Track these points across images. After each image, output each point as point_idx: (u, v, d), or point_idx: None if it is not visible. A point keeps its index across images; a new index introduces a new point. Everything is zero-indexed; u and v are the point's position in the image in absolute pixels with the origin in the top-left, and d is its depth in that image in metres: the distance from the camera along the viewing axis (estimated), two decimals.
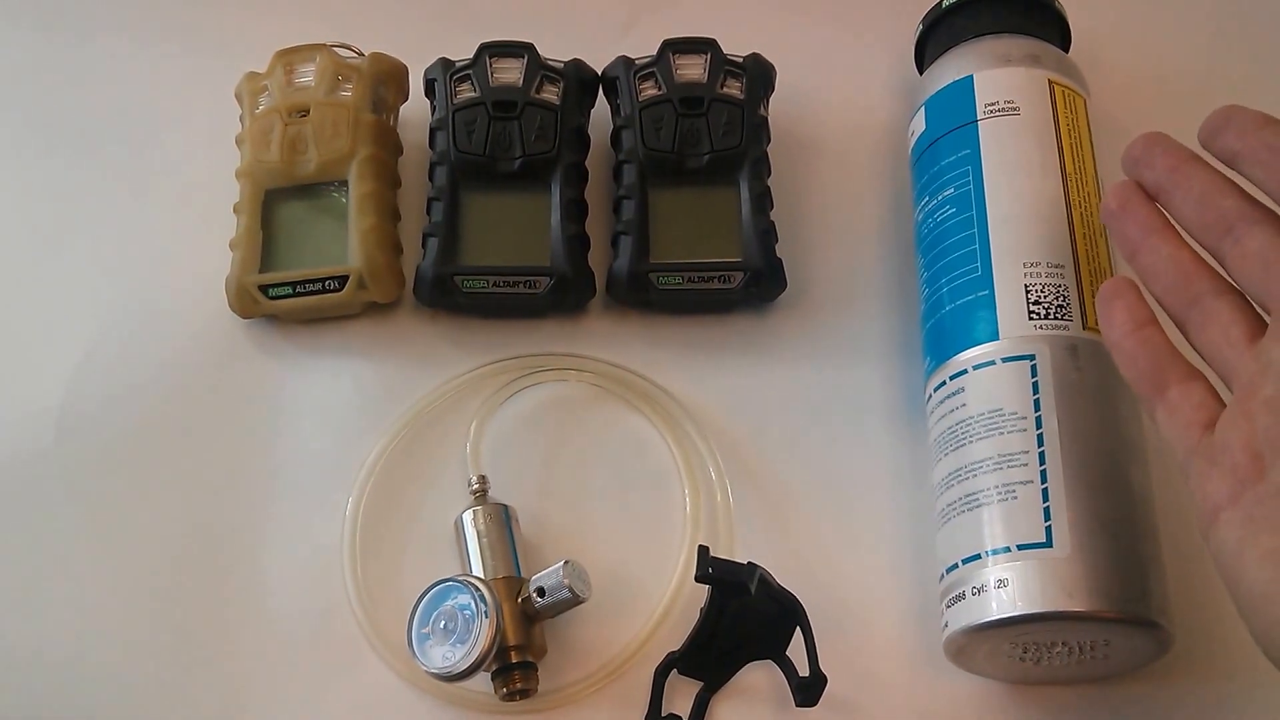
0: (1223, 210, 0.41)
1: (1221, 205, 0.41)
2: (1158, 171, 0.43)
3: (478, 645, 0.44)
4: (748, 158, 0.55)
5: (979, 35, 0.54)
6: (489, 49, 0.56)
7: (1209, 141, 0.42)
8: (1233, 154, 0.41)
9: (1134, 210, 0.44)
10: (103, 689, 0.49)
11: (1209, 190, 0.41)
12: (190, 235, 0.58)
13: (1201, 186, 0.42)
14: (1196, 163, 0.43)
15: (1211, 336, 0.40)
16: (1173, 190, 0.43)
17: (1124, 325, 0.42)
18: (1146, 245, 0.43)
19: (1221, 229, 0.40)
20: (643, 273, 0.53)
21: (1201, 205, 0.41)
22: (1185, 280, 0.41)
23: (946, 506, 0.46)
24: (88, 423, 0.54)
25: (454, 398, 0.53)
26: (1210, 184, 0.42)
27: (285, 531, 0.51)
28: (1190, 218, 0.42)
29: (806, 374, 0.54)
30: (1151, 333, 0.42)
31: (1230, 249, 0.40)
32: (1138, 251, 0.43)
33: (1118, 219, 0.44)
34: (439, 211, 0.54)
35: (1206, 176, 0.42)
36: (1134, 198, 0.44)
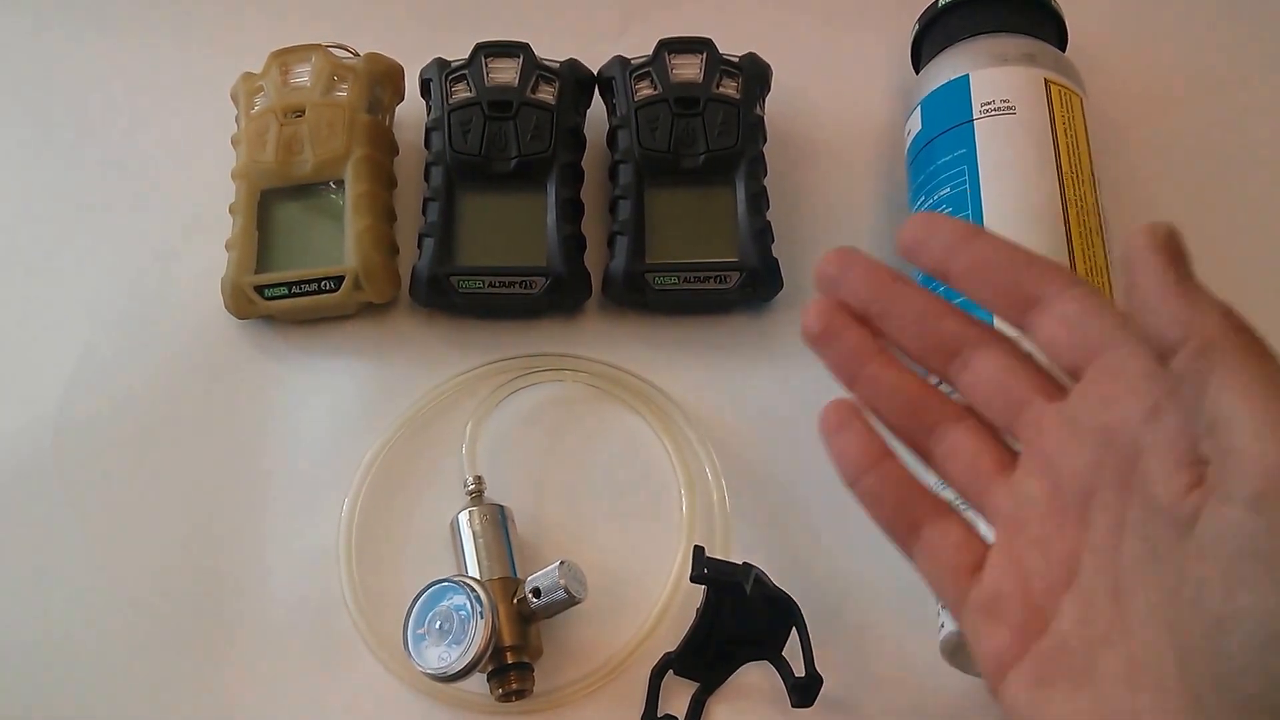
0: (945, 333, 0.37)
1: (942, 328, 0.38)
2: (861, 292, 0.39)
3: (473, 646, 0.44)
4: (744, 157, 0.55)
5: (975, 34, 0.54)
6: (485, 49, 0.56)
7: (912, 255, 0.38)
8: (942, 270, 0.37)
9: (840, 335, 0.39)
10: (100, 689, 0.49)
11: (925, 312, 0.38)
12: (186, 236, 0.58)
13: (916, 308, 0.38)
14: (903, 280, 0.39)
15: (959, 470, 0.37)
16: (884, 314, 0.38)
17: (859, 463, 0.38)
18: (864, 375, 0.39)
19: (946, 354, 0.37)
20: (639, 273, 0.53)
21: (920, 329, 0.38)
22: (915, 409, 0.38)
23: None
24: (84, 423, 0.54)
25: (450, 398, 0.53)
26: (925, 304, 0.38)
27: (281, 532, 0.51)
28: (909, 343, 0.38)
29: (802, 373, 0.54)
30: (890, 467, 0.38)
31: (959, 374, 0.37)
32: (854, 381, 0.39)
33: (822, 345, 0.39)
34: (435, 212, 0.54)
35: (919, 296, 0.38)
36: (838, 320, 0.39)
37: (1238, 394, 0.29)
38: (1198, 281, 0.31)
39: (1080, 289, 0.35)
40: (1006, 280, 0.36)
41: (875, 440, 0.38)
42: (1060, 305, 0.35)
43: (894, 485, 0.38)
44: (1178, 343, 0.30)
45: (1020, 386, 0.36)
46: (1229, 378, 0.29)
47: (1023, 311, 0.36)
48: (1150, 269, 0.31)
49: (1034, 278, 0.36)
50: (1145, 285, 0.31)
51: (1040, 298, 0.35)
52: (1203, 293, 0.31)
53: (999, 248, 0.37)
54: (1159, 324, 0.31)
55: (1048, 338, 0.35)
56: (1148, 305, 0.31)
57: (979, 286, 0.37)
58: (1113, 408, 0.33)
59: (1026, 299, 0.35)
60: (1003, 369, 0.37)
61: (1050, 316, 0.35)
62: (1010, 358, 0.37)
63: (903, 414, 0.38)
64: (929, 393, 0.38)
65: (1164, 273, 0.31)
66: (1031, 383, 0.36)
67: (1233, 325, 0.30)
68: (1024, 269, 0.36)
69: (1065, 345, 0.35)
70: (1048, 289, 0.35)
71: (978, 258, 0.36)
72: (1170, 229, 0.32)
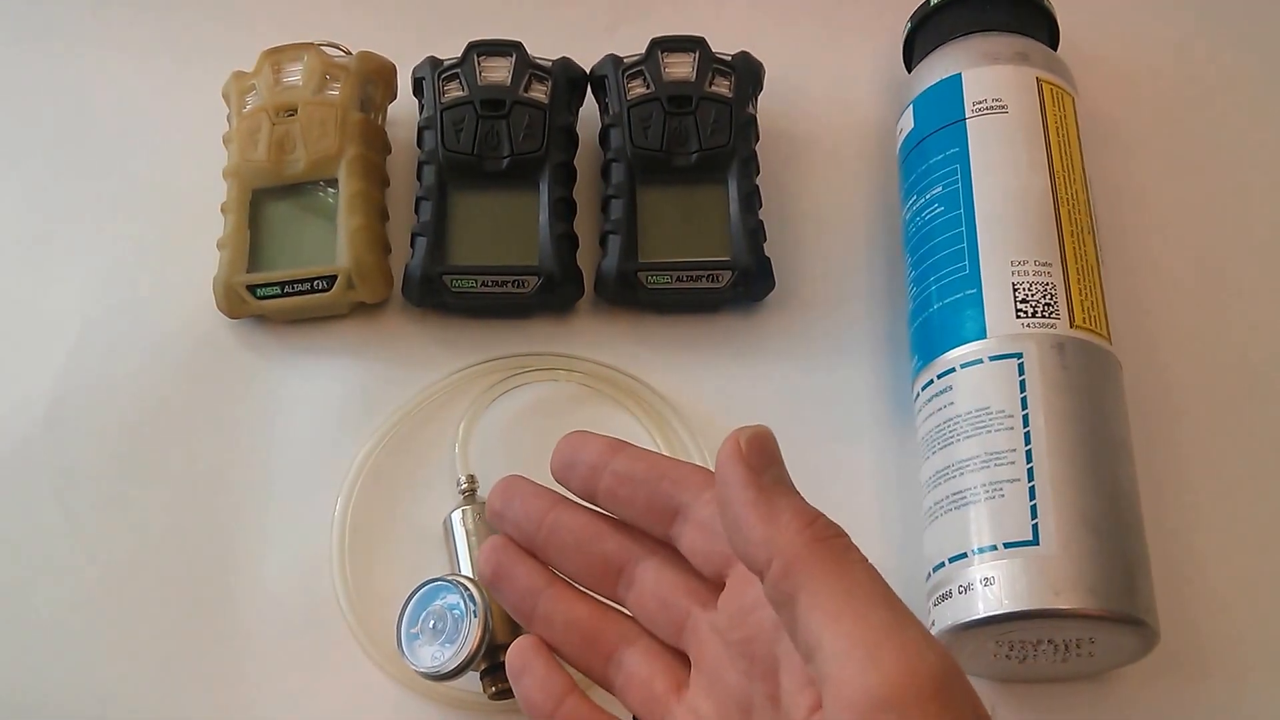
0: (605, 555, 0.38)
1: (603, 550, 0.38)
2: (523, 525, 0.39)
3: (467, 645, 0.44)
4: (736, 156, 0.55)
5: (967, 33, 0.54)
6: (477, 48, 0.56)
7: (563, 479, 0.39)
8: (589, 491, 0.38)
9: (510, 574, 0.39)
10: (88, 688, 0.49)
11: (583, 536, 0.38)
12: (177, 235, 0.58)
13: (575, 534, 0.38)
14: (562, 506, 0.39)
15: (638, 698, 0.37)
16: (546, 544, 0.39)
17: (543, 706, 0.38)
18: (538, 612, 0.39)
19: (611, 576, 0.38)
20: (631, 272, 0.53)
21: (580, 554, 0.38)
22: (590, 640, 0.38)
23: (934, 504, 0.46)
24: (75, 423, 0.54)
25: (443, 397, 0.53)
26: (584, 529, 0.38)
27: (273, 532, 0.51)
28: (574, 570, 0.39)
29: (795, 373, 0.54)
30: (573, 704, 0.38)
31: (626, 594, 0.37)
32: (530, 619, 0.39)
33: (496, 588, 0.40)
34: (427, 211, 0.54)
35: (577, 521, 0.38)
36: (506, 559, 0.40)
37: (823, 617, 0.28)
38: (782, 490, 0.30)
39: (714, 491, 0.34)
40: (647, 493, 0.36)
41: (558, 679, 0.38)
42: (698, 511, 0.35)
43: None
44: (764, 564, 0.30)
45: (679, 598, 0.36)
46: (813, 600, 0.28)
47: (667, 524, 0.35)
48: (731, 485, 0.31)
49: (671, 487, 0.35)
50: (729, 503, 0.31)
51: (680, 506, 0.35)
52: (784, 505, 0.30)
53: (638, 461, 0.36)
54: (744, 546, 0.30)
55: (690, 546, 0.35)
56: (734, 526, 0.30)
57: (623, 504, 0.36)
58: (748, 620, 0.33)
59: (669, 510, 0.35)
60: (661, 582, 0.36)
61: (691, 524, 0.35)
62: (667, 569, 0.36)
63: (580, 646, 0.38)
64: (603, 619, 0.38)
65: (744, 488, 0.30)
66: (690, 592, 0.36)
67: (815, 538, 0.29)
68: (662, 479, 0.36)
69: (705, 554, 0.35)
70: (686, 495, 0.35)
71: (618, 474, 0.36)
72: (755, 434, 0.31)
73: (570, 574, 0.39)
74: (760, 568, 0.30)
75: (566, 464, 0.38)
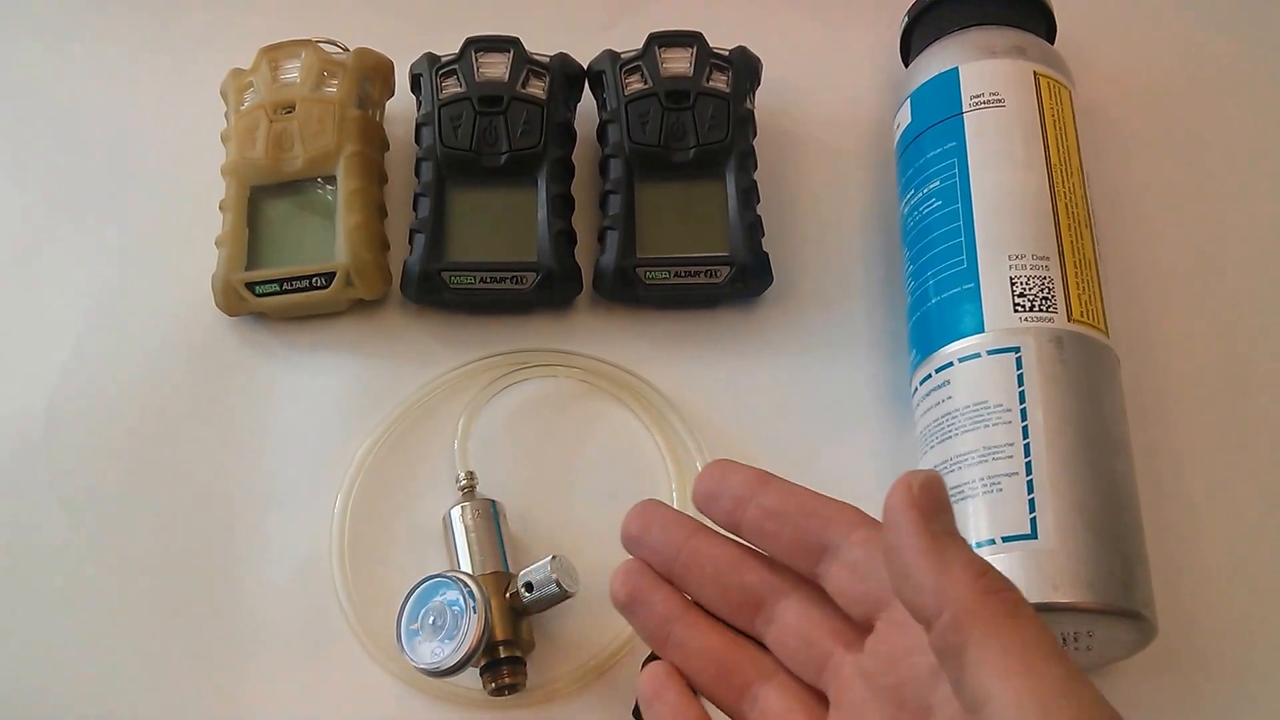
0: (746, 587, 0.37)
1: (743, 582, 0.37)
2: (661, 551, 0.38)
3: (466, 641, 0.44)
4: (734, 151, 0.55)
5: (964, 27, 0.54)
6: (474, 44, 0.56)
7: (706, 508, 0.38)
8: (733, 524, 0.37)
9: (645, 600, 0.38)
10: (89, 688, 0.49)
11: (724, 567, 0.37)
12: (176, 233, 0.58)
13: (715, 564, 0.37)
14: (703, 535, 0.38)
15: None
16: (685, 572, 0.38)
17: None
18: (673, 639, 0.38)
19: (751, 609, 0.37)
20: (629, 268, 0.53)
21: (720, 585, 0.37)
22: (725, 671, 0.37)
23: None
24: (74, 422, 0.54)
25: (442, 394, 0.54)
26: (724, 559, 0.37)
27: (273, 528, 0.51)
28: (712, 600, 0.38)
29: (793, 368, 0.54)
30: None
31: (766, 629, 0.37)
32: (664, 646, 0.38)
33: (630, 612, 0.39)
34: (425, 207, 0.54)
35: (718, 551, 0.37)
36: (643, 584, 0.38)
37: (994, 671, 0.28)
38: (953, 540, 0.30)
39: (865, 531, 0.34)
40: (795, 530, 0.35)
41: (690, 709, 0.37)
42: (847, 551, 0.34)
43: None
44: (933, 614, 0.29)
45: (822, 637, 0.35)
46: (983, 653, 0.28)
47: (814, 561, 0.35)
48: (903, 531, 0.30)
49: (820, 524, 0.35)
50: (898, 550, 0.30)
51: (828, 545, 0.34)
52: (956, 556, 0.30)
53: (786, 496, 0.36)
54: (913, 594, 0.30)
55: (838, 587, 0.34)
56: (903, 574, 0.30)
57: (768, 540, 0.36)
58: (900, 666, 0.33)
59: (815, 548, 0.35)
60: (804, 620, 0.36)
61: (839, 564, 0.34)
62: (810, 607, 0.36)
63: (714, 677, 0.37)
64: (739, 651, 0.37)
65: (916, 535, 0.30)
66: (833, 633, 0.35)
67: (987, 591, 0.29)
68: (811, 517, 0.35)
69: (854, 596, 0.34)
70: (835, 535, 0.34)
71: (765, 509, 0.36)
72: (927, 480, 0.31)
73: (707, 603, 0.38)
74: (929, 616, 0.29)
75: (710, 494, 0.37)
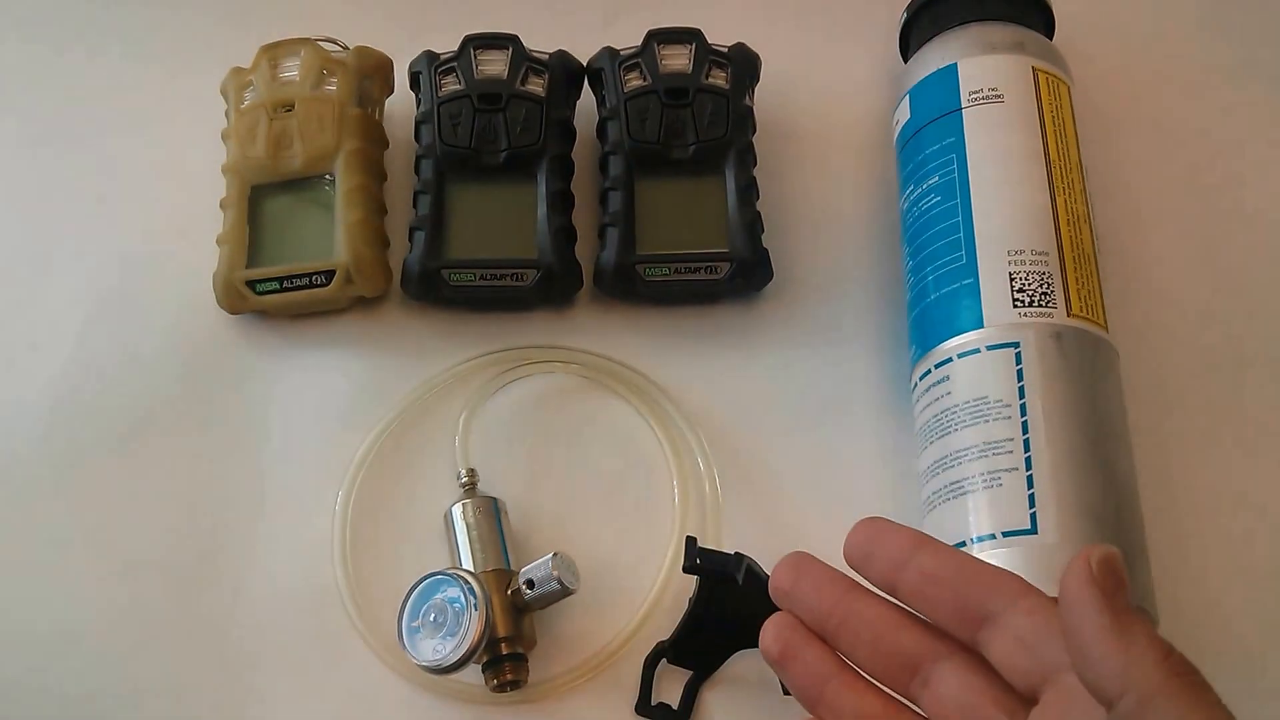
0: (902, 650, 0.36)
1: (899, 644, 0.36)
2: (816, 607, 0.37)
3: (468, 638, 0.44)
4: (733, 148, 0.55)
5: (963, 23, 0.54)
6: (474, 41, 0.56)
7: (860, 568, 0.37)
8: (890, 586, 0.36)
9: (799, 655, 0.37)
10: (93, 684, 0.49)
11: (880, 629, 0.36)
12: (177, 231, 0.58)
13: (871, 626, 0.36)
14: (857, 594, 0.37)
15: None
16: (838, 631, 0.37)
17: None
18: (826, 698, 0.37)
19: (906, 672, 0.36)
20: (629, 264, 0.53)
21: (876, 647, 0.36)
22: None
23: (932, 494, 0.47)
24: (75, 419, 0.54)
25: (442, 391, 0.54)
26: (880, 621, 0.37)
27: (275, 526, 0.51)
28: (866, 661, 0.37)
29: (793, 364, 0.54)
30: None
31: (921, 693, 0.36)
32: (816, 704, 0.37)
33: (782, 668, 0.38)
34: (425, 205, 0.54)
35: (874, 612, 0.37)
36: (796, 639, 0.38)
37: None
38: (1136, 619, 0.30)
39: (1031, 600, 0.34)
40: (956, 596, 0.35)
41: None
42: (1012, 620, 0.34)
43: None
44: (1116, 695, 0.29)
45: (984, 705, 0.35)
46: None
47: (975, 628, 0.34)
48: (1084, 611, 0.30)
49: (983, 591, 0.34)
50: (1080, 628, 0.30)
51: (991, 613, 0.34)
52: (1140, 636, 0.29)
53: (946, 560, 0.35)
54: (1096, 674, 0.29)
55: (1001, 657, 0.34)
56: (1084, 653, 0.30)
57: (927, 604, 0.35)
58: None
59: (978, 615, 0.34)
60: (965, 687, 0.35)
61: (1003, 633, 0.34)
62: (970, 673, 0.35)
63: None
64: (894, 715, 0.36)
65: (1099, 615, 0.30)
66: (995, 701, 0.35)
67: (1173, 673, 0.29)
68: (973, 583, 0.35)
69: (1019, 667, 0.33)
70: (998, 602, 0.34)
71: (925, 572, 0.35)
72: (1105, 556, 0.30)
73: (860, 664, 0.37)
74: (1110, 697, 0.29)
75: (865, 554, 0.37)
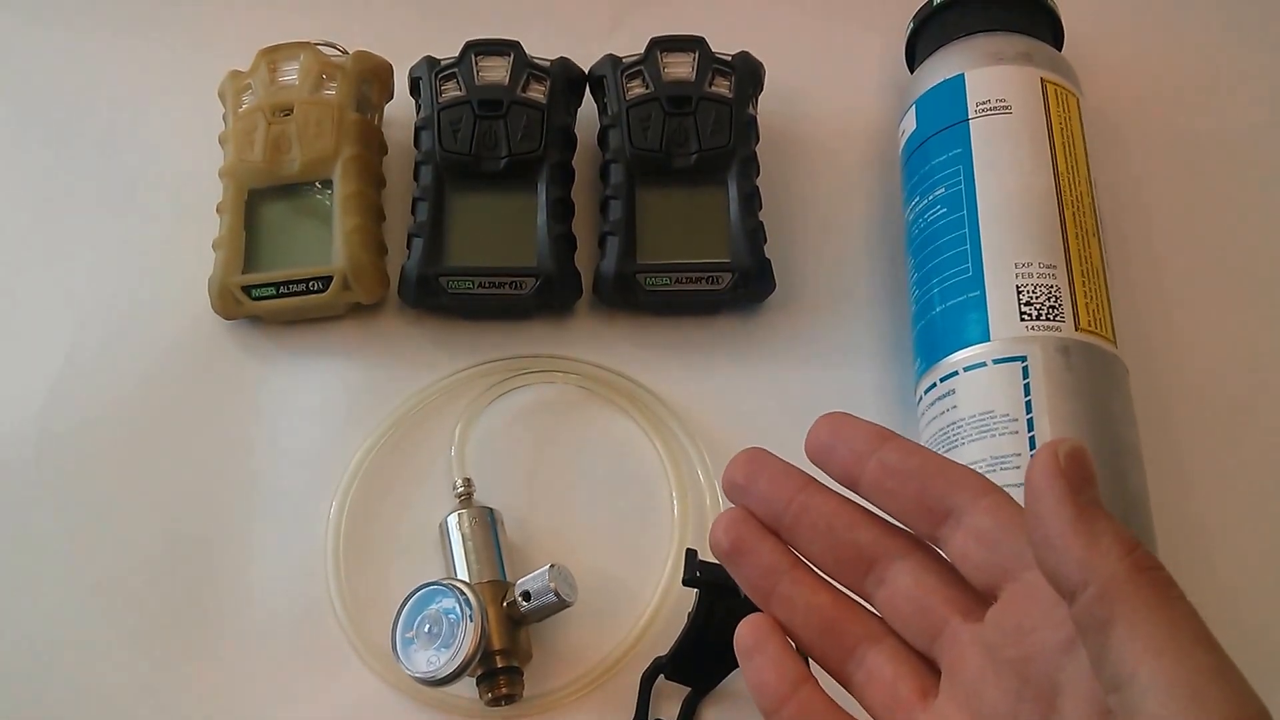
0: (858, 546, 0.35)
1: (855, 540, 0.35)
2: (770, 502, 0.37)
3: (462, 650, 0.44)
4: (736, 157, 0.54)
5: (970, 33, 0.54)
6: (475, 47, 0.56)
7: (821, 461, 0.36)
8: (851, 479, 0.35)
9: (750, 550, 0.37)
10: (84, 694, 0.48)
11: (836, 523, 0.36)
12: (172, 235, 0.57)
13: (826, 519, 0.36)
14: (814, 489, 0.36)
15: (879, 698, 0.35)
16: (794, 525, 0.36)
17: (777, 690, 0.35)
18: (777, 593, 0.36)
19: (861, 569, 0.35)
20: (630, 273, 0.53)
21: (831, 542, 0.36)
22: (831, 630, 0.36)
23: None
24: (69, 425, 0.53)
25: (439, 400, 0.53)
26: (837, 515, 0.36)
27: (268, 534, 0.51)
28: (821, 557, 0.36)
29: (796, 376, 0.54)
30: (808, 693, 0.35)
31: (875, 590, 0.35)
32: (767, 600, 0.37)
33: (732, 562, 0.37)
34: (424, 211, 0.54)
35: (831, 507, 0.36)
36: (748, 534, 0.37)
37: (1140, 650, 0.27)
38: (1100, 512, 0.29)
39: (992, 498, 0.33)
40: (917, 490, 0.34)
41: (793, 664, 0.36)
42: (972, 518, 0.33)
43: (813, 717, 0.35)
44: (1078, 586, 0.28)
45: (938, 604, 0.34)
46: (1131, 631, 0.27)
47: (935, 524, 0.34)
48: (1049, 500, 0.29)
49: (944, 487, 0.34)
50: (1044, 518, 0.29)
51: (952, 509, 0.33)
52: (1105, 528, 0.29)
53: (908, 454, 0.35)
54: (1058, 564, 0.29)
55: (960, 554, 0.33)
56: (1047, 543, 0.29)
57: (888, 498, 0.35)
58: (1029, 639, 0.31)
59: (938, 511, 0.34)
60: (919, 585, 0.34)
61: (962, 531, 0.33)
62: (926, 572, 0.35)
63: (819, 635, 0.36)
64: (846, 611, 0.36)
65: (1063, 504, 0.29)
66: (949, 600, 0.34)
67: (1137, 567, 0.28)
68: (935, 478, 0.34)
69: (978, 563, 0.33)
70: (960, 498, 0.33)
71: (887, 466, 0.34)
72: (1073, 449, 0.30)
73: (814, 560, 0.36)
74: (1072, 589, 0.29)
75: (825, 446, 0.36)
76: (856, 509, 0.36)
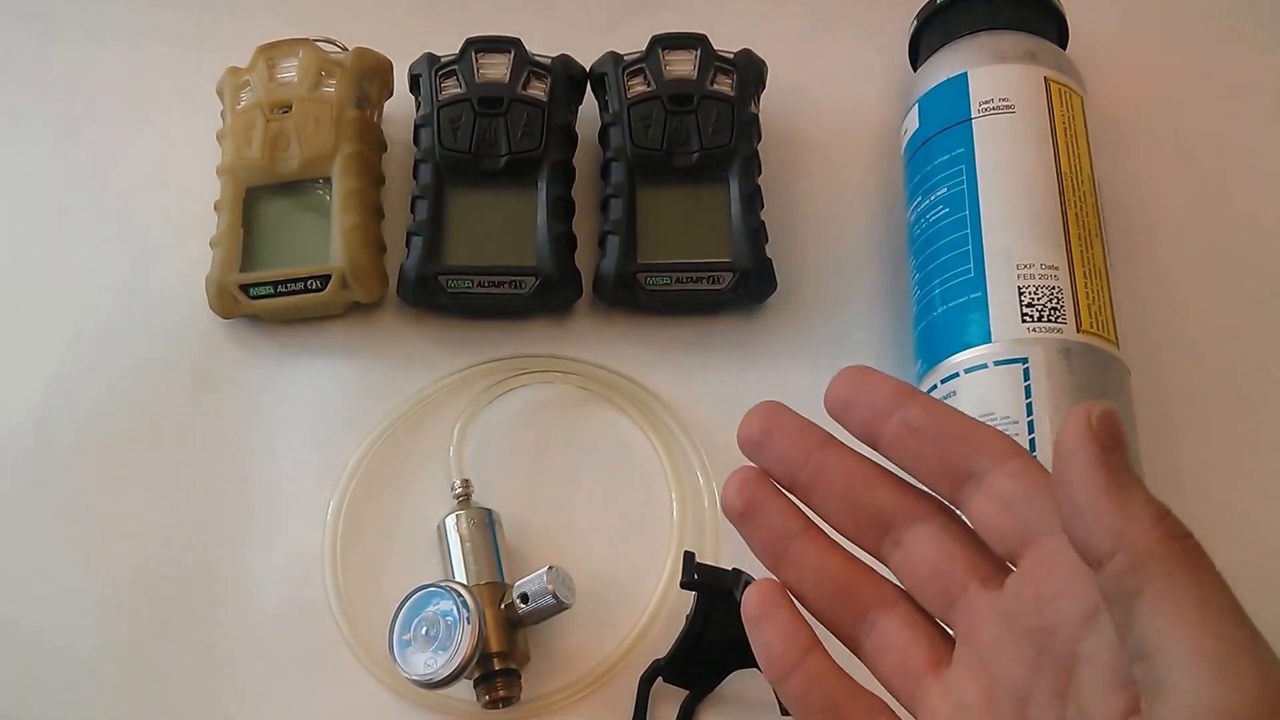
0: (876, 508, 0.34)
1: (873, 501, 0.34)
2: (786, 460, 0.35)
3: (460, 652, 0.44)
4: (738, 156, 0.54)
5: (974, 31, 0.54)
6: (475, 44, 0.56)
7: (839, 416, 0.35)
8: (871, 436, 0.34)
9: (763, 510, 0.36)
10: (81, 696, 0.48)
11: (853, 484, 0.35)
12: (170, 233, 0.57)
13: (844, 479, 0.35)
14: (832, 447, 0.35)
15: (890, 665, 0.34)
16: (810, 484, 0.35)
17: (784, 658, 0.34)
18: (788, 556, 0.35)
19: (878, 531, 0.34)
20: (630, 273, 0.53)
21: (848, 503, 0.35)
22: (844, 595, 0.35)
23: None
24: (67, 424, 0.53)
25: (438, 400, 0.53)
26: (855, 475, 0.35)
27: (265, 535, 0.51)
28: (837, 518, 0.35)
29: (796, 376, 0.53)
30: (817, 661, 0.34)
31: (891, 553, 0.34)
32: (778, 564, 0.35)
33: (744, 524, 0.36)
34: (423, 210, 0.54)
35: (850, 467, 0.35)
36: (762, 494, 0.36)
37: (1169, 621, 0.26)
38: (1131, 477, 0.28)
39: (1017, 462, 0.32)
40: (940, 450, 0.33)
41: (802, 631, 0.35)
42: (995, 482, 0.32)
43: (821, 685, 0.34)
44: (1106, 554, 0.28)
45: (955, 570, 0.33)
46: (1160, 601, 0.27)
47: (957, 486, 0.33)
48: (1080, 465, 0.28)
49: (968, 448, 0.33)
50: (1074, 483, 0.28)
51: (975, 471, 0.33)
52: (1136, 495, 0.28)
53: (932, 413, 0.34)
54: (1087, 531, 0.28)
55: (981, 518, 0.33)
56: (1076, 509, 0.28)
57: (909, 458, 0.34)
58: (1048, 609, 0.31)
59: (960, 472, 0.33)
60: (937, 549, 0.34)
61: (984, 494, 0.32)
62: (945, 536, 0.34)
63: (830, 600, 0.35)
64: (859, 575, 0.35)
65: (1094, 470, 0.28)
66: (968, 566, 0.33)
67: (1168, 535, 0.28)
68: (960, 439, 0.33)
69: (1000, 528, 0.32)
70: (983, 461, 0.33)
71: (910, 424, 0.33)
72: (1106, 412, 0.29)
73: (830, 520, 0.35)
74: (1100, 556, 0.28)
75: (844, 401, 0.34)
76: (876, 469, 0.35)
